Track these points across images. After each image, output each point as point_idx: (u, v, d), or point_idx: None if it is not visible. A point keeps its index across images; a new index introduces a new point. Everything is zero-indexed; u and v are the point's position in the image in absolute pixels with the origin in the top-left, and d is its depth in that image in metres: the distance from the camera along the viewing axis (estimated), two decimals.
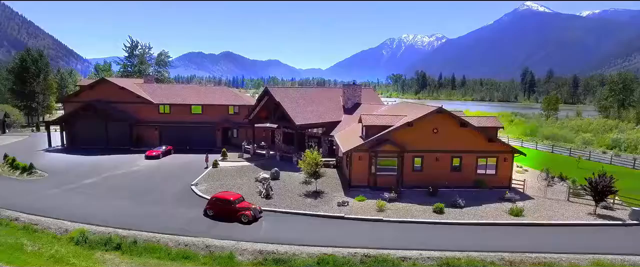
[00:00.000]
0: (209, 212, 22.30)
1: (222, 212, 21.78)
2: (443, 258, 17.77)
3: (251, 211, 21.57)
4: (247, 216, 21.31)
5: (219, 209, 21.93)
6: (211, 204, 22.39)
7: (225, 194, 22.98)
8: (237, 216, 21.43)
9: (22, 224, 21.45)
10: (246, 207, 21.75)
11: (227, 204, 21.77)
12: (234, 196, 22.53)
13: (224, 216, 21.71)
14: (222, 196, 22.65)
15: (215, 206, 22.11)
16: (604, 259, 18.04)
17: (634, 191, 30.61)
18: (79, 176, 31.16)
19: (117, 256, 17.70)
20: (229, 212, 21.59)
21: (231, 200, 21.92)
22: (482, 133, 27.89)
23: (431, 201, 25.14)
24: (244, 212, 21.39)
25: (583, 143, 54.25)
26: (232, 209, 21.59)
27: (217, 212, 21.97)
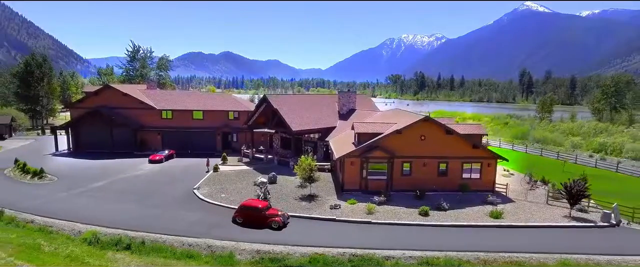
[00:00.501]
0: (238, 220, 23.11)
1: (252, 219, 22.65)
2: (423, 257, 19.52)
3: (280, 217, 22.73)
4: (277, 222, 22.41)
5: (249, 216, 22.81)
6: (240, 212, 23.21)
7: (253, 202, 23.68)
8: (267, 223, 22.42)
9: (37, 226, 23.19)
10: (275, 214, 22.83)
11: (257, 211, 22.70)
12: (262, 204, 23.37)
13: (253, 223, 22.58)
14: (251, 203, 23.37)
15: (244, 214, 22.96)
16: (571, 258, 19.78)
17: (613, 194, 32.40)
18: (87, 180, 32.92)
19: (127, 256, 19.44)
20: (259, 219, 22.54)
21: (260, 207, 22.82)
22: (467, 140, 29.63)
23: (418, 204, 26.88)
24: (273, 219, 22.46)
25: (572, 146, 55.97)
26: (262, 216, 22.59)
27: (246, 219, 22.82)
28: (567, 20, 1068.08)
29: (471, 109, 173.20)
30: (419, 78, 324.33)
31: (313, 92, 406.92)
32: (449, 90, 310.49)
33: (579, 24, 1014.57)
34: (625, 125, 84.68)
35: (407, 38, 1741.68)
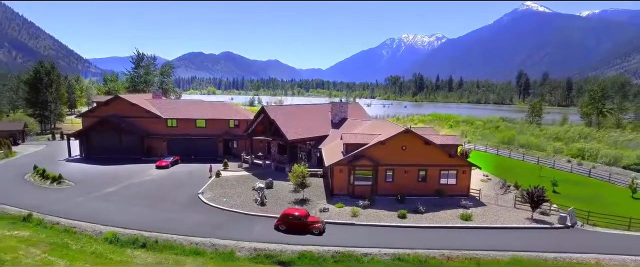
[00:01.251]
0: (281, 228, 25.41)
1: (294, 226, 25.06)
2: (396, 254, 22.83)
3: (321, 224, 25.35)
4: (317, 228, 25.02)
5: (291, 224, 25.15)
6: (282, 220, 25.48)
7: (294, 211, 25.85)
8: (309, 229, 24.94)
9: (63, 227, 26.52)
10: (315, 221, 25.36)
11: (299, 219, 25.12)
12: (302, 212, 25.60)
13: (296, 230, 24.98)
14: (292, 212, 25.56)
15: (287, 222, 25.29)
16: (523, 255, 23.08)
17: (579, 198, 35.79)
18: (101, 185, 36.28)
19: (143, 253, 22.78)
20: (301, 226, 24.99)
21: (302, 216, 25.27)
22: (444, 149, 32.93)
23: (399, 207, 30.17)
24: (315, 226, 25.04)
25: (554, 151, 59.18)
26: (303, 224, 25.03)
27: (289, 227, 25.18)
28: (567, 20, 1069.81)
29: (467, 112, 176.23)
30: (418, 79, 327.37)
31: (312, 92, 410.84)
32: (447, 92, 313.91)
33: (578, 24, 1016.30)
34: (613, 128, 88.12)
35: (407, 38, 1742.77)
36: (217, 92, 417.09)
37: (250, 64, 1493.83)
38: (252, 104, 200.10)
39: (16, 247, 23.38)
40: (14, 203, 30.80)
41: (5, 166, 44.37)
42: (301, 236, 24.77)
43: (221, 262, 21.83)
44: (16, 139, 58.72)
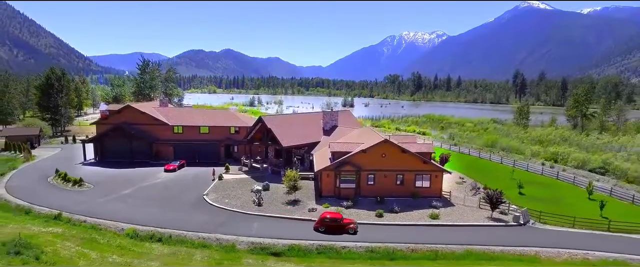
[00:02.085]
0: (320, 229, 29.15)
1: (333, 228, 28.99)
2: (369, 248, 27.43)
3: (354, 225, 29.46)
4: (353, 228, 29.20)
5: (330, 226, 29.05)
6: (320, 223, 29.31)
7: (332, 214, 29.91)
8: (345, 230, 29.01)
9: (89, 224, 31.20)
10: (350, 223, 29.49)
11: (336, 221, 29.13)
12: (338, 215, 29.83)
13: (334, 230, 28.88)
14: (330, 215, 29.60)
15: (325, 224, 29.14)
16: (474, 248, 27.67)
17: (541, 199, 40.38)
18: (117, 187, 40.94)
19: (160, 246, 27.44)
20: (339, 227, 29.00)
21: (338, 218, 29.30)
22: (419, 156, 37.49)
23: (378, 207, 34.74)
24: (350, 227, 29.18)
25: (531, 155, 63.66)
26: (341, 225, 29.12)
27: (327, 228, 29.02)
28: (568, 17, 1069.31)
29: (462, 112, 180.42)
30: (416, 79, 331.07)
31: (312, 91, 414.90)
32: (445, 91, 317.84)
33: (579, 22, 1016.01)
34: (596, 130, 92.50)
35: (407, 35, 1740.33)
36: (217, 91, 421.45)
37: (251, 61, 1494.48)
38: (252, 104, 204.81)
39: (53, 241, 28.04)
40: (43, 204, 35.47)
41: (28, 170, 49.04)
42: (339, 235, 28.86)
43: (224, 254, 26.47)
44: (33, 143, 63.36)
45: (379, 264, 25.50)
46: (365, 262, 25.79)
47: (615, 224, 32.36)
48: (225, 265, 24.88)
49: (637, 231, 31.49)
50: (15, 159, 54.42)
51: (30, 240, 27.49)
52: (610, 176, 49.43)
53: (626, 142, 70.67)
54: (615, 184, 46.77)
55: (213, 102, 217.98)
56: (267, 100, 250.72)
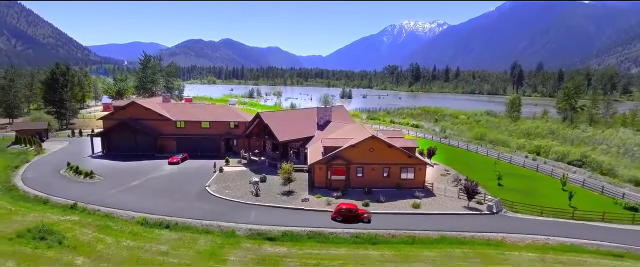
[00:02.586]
0: (337, 219, 32.18)
1: (349, 217, 32.14)
2: (354, 233, 30.78)
3: (368, 214, 32.74)
4: (367, 218, 32.42)
5: (346, 215, 32.18)
6: (337, 213, 32.38)
7: (347, 205, 32.98)
8: (360, 219, 32.20)
9: (103, 213, 34.49)
10: (364, 212, 32.77)
11: (352, 212, 32.37)
12: (353, 206, 32.99)
13: (350, 219, 32.03)
14: (347, 206, 32.77)
15: (342, 214, 32.22)
16: (448, 234, 31.01)
17: (518, 190, 43.64)
18: (126, 179, 44.17)
19: (167, 232, 30.77)
20: (354, 217, 32.26)
21: (353, 209, 32.58)
22: (404, 151, 40.62)
23: (365, 198, 38.03)
24: (365, 216, 32.39)
25: (517, 147, 66.80)
26: (356, 215, 32.33)
27: (344, 218, 32.13)
28: (569, 6, 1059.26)
29: (459, 103, 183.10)
30: (414, 69, 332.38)
31: (311, 82, 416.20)
32: (443, 82, 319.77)
33: (580, 11, 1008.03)
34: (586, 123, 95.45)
35: (408, 25, 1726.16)
36: (217, 82, 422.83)
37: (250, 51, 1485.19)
38: (252, 96, 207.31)
39: (72, 228, 31.37)
40: (59, 195, 38.73)
41: (40, 163, 52.22)
42: (355, 224, 32.11)
43: (225, 239, 29.82)
44: (42, 136, 66.41)
45: (362, 248, 28.84)
46: (350, 246, 29.13)
47: (578, 212, 35.74)
48: (226, 249, 28.21)
49: (597, 219, 34.85)
50: (27, 152, 57.52)
51: (52, 227, 30.81)
52: (586, 168, 52.63)
53: (609, 135, 73.72)
54: (590, 176, 50.05)
55: (212, 93, 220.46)
56: (266, 91, 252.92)
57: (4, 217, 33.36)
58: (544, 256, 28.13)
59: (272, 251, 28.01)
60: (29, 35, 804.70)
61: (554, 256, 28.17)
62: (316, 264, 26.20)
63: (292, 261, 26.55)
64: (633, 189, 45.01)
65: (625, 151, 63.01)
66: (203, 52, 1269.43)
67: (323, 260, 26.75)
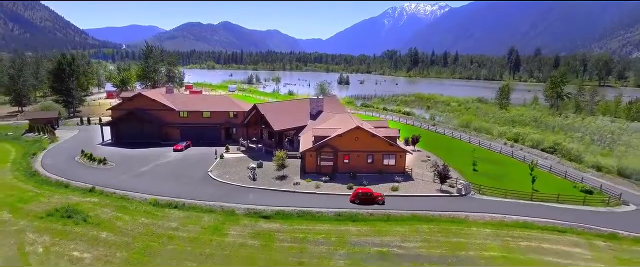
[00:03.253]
0: (355, 201, 36.55)
1: (366, 200, 36.56)
2: (338, 212, 35.57)
3: (382, 197, 37.22)
4: (381, 200, 36.99)
5: (363, 198, 36.58)
6: (356, 196, 36.74)
7: (364, 189, 37.40)
8: (376, 201, 36.69)
9: (119, 195, 39.28)
10: (379, 195, 37.06)
11: (368, 195, 36.74)
12: (369, 190, 37.33)
13: (366, 202, 36.44)
14: (363, 190, 37.23)
15: (359, 197, 36.68)
16: (418, 213, 35.82)
17: (490, 174, 48.30)
18: (136, 165, 48.84)
19: (176, 211, 35.59)
20: (371, 199, 36.73)
21: (370, 192, 37.00)
22: (386, 140, 45.10)
23: (350, 182, 42.75)
24: (380, 198, 36.90)
25: (498, 135, 71.24)
26: (372, 197, 36.81)
27: (361, 200, 36.56)
28: None
29: (453, 89, 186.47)
30: (413, 54, 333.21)
31: (310, 67, 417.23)
32: (441, 67, 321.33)
33: None
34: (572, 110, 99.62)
35: (409, 7, 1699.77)
36: (216, 67, 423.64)
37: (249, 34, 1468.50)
38: (251, 82, 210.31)
39: (93, 208, 36.20)
40: (78, 179, 43.45)
41: (56, 150, 56.78)
42: (370, 205, 36.73)
43: (226, 217, 34.67)
44: (53, 125, 70.79)
45: (343, 225, 33.70)
46: (333, 223, 34.00)
47: (538, 195, 40.54)
48: (227, 225, 33.08)
49: (553, 200, 39.66)
50: (41, 140, 62.04)
51: (76, 207, 35.67)
52: (557, 155, 57.25)
53: (588, 123, 78.07)
54: (559, 162, 54.73)
55: (212, 79, 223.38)
56: (265, 77, 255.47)
57: (32, 199, 38.22)
58: (499, 231, 33.01)
59: (266, 227, 32.89)
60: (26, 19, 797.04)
61: (506, 231, 33.05)
62: (303, 238, 31.10)
63: (282, 235, 31.45)
64: (595, 174, 49.80)
65: (599, 138, 67.61)
66: (202, 36, 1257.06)
67: (309, 234, 31.65)
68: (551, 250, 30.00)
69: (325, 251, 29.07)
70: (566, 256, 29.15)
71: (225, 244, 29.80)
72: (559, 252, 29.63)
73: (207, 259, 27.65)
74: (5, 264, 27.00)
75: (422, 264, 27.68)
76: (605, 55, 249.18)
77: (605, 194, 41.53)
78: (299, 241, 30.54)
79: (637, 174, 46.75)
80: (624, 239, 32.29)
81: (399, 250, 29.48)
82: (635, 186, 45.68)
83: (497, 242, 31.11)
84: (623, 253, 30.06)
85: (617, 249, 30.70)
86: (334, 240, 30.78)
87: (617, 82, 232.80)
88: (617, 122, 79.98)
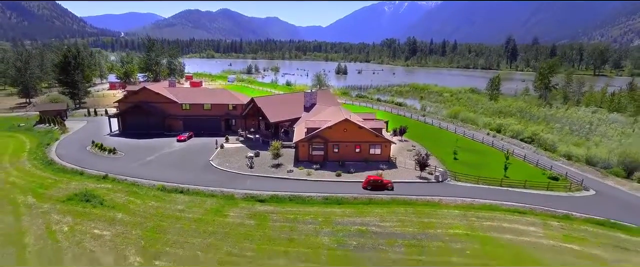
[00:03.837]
0: (367, 188, 40.71)
1: (377, 186, 40.79)
2: (325, 196, 39.98)
3: (391, 184, 41.45)
4: (391, 186, 41.12)
5: (374, 185, 40.79)
6: (368, 183, 40.88)
7: (374, 177, 41.62)
8: (386, 187, 40.91)
9: (129, 182, 43.63)
10: (389, 182, 41.27)
11: (379, 182, 40.94)
12: (380, 177, 41.88)
13: (377, 188, 40.72)
14: (374, 178, 41.28)
15: (371, 184, 40.83)
16: (397, 197, 40.22)
17: (469, 163, 52.53)
18: (143, 154, 53.11)
19: (181, 196, 40.00)
20: (381, 186, 40.93)
21: (379, 180, 41.28)
22: (372, 131, 49.23)
23: (338, 169, 47.07)
24: (389, 185, 41.07)
25: (483, 125, 75.27)
26: (382, 184, 41.00)
27: (373, 187, 40.77)
28: None
29: (449, 79, 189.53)
30: (411, 43, 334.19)
31: (309, 56, 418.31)
32: (440, 56, 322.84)
33: None
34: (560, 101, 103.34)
35: None
36: (215, 56, 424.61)
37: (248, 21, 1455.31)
38: (250, 72, 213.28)
39: (107, 193, 40.61)
40: (91, 167, 47.77)
41: (68, 141, 60.99)
42: (381, 191, 41.14)
43: (226, 201, 39.09)
44: (62, 116, 74.85)
45: (330, 207, 38.14)
46: (320, 206, 38.43)
47: (507, 181, 44.90)
48: (227, 208, 37.53)
49: (520, 186, 44.02)
50: (53, 131, 66.18)
51: (92, 192, 40.07)
52: (534, 145, 61.44)
53: (570, 114, 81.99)
54: (534, 151, 58.97)
55: (211, 69, 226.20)
56: (264, 66, 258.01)
57: (52, 185, 42.65)
58: (466, 212, 37.46)
59: (261, 209, 37.34)
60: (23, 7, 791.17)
61: (473, 213, 37.50)
62: (294, 218, 35.58)
63: (276, 216, 35.93)
64: (565, 163, 54.10)
65: (578, 128, 71.71)
66: (200, 23, 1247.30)
67: (299, 215, 36.11)
68: (509, 228, 34.47)
69: (312, 230, 33.55)
70: (521, 234, 33.63)
71: (226, 224, 34.29)
72: (515, 231, 34.10)
73: (210, 236, 32.15)
74: (36, 241, 31.49)
75: (395, 240, 32.17)
76: (601, 45, 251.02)
77: (568, 181, 45.87)
78: (290, 221, 35.01)
79: (602, 163, 51.00)
80: (575, 220, 36.75)
81: (376, 228, 33.95)
82: (599, 173, 50.02)
83: (463, 222, 35.57)
84: (572, 231, 34.53)
85: (567, 228, 35.17)
86: (320, 220, 35.25)
87: (612, 71, 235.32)
88: (599, 112, 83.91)
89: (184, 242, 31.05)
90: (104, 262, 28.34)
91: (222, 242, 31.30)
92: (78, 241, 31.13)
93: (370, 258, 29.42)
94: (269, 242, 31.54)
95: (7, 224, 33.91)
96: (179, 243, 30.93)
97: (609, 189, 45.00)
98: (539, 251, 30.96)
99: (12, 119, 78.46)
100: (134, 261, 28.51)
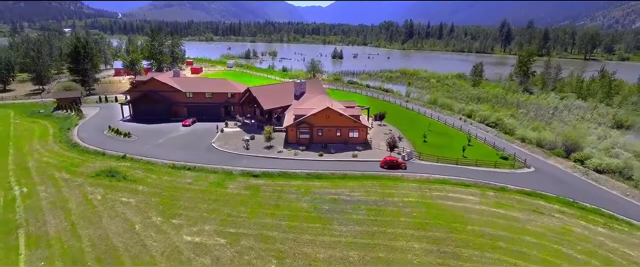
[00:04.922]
0: (384, 167, 48.81)
1: (392, 166, 48.68)
2: (309, 172, 48.43)
3: (405, 163, 50.03)
4: (404, 166, 49.04)
5: (390, 165, 48.65)
6: (385, 163, 48.90)
7: (390, 158, 49.33)
8: (400, 167, 48.78)
9: (145, 161, 52.07)
10: (402, 163, 49.39)
11: (394, 162, 48.96)
12: (395, 158, 49.59)
13: (393, 167, 48.56)
14: (390, 158, 49.23)
15: (387, 164, 48.85)
16: (367, 173, 48.63)
17: (437, 145, 60.79)
18: (153, 138, 61.37)
19: (189, 172, 48.50)
20: (396, 166, 48.82)
21: (396, 161, 49.37)
22: (351, 118, 57.28)
23: (321, 150, 55.41)
24: (402, 164, 49.11)
25: (458, 111, 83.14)
26: (397, 164, 49.00)
27: (389, 166, 48.65)
28: None
29: (441, 64, 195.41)
30: (408, 26, 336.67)
31: (308, 39, 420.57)
32: (436, 39, 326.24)
33: None
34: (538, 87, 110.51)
35: None
36: (214, 39, 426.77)
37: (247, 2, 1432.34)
38: (248, 56, 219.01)
39: (128, 170, 49.09)
40: (111, 149, 56.13)
41: (86, 126, 69.09)
42: (396, 170, 49.30)
43: (226, 176, 47.62)
44: (77, 103, 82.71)
45: (311, 181, 46.67)
46: (303, 180, 46.95)
47: (463, 160, 53.29)
48: (227, 181, 46.07)
49: (473, 164, 52.44)
50: (71, 117, 74.18)
51: (115, 169, 48.56)
52: (497, 129, 69.55)
53: (540, 100, 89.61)
54: (496, 135, 67.13)
55: (211, 54, 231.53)
56: (262, 50, 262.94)
57: (80, 163, 51.14)
58: (421, 185, 46.00)
59: (255, 182, 45.91)
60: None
61: (427, 185, 46.05)
62: (280, 189, 44.18)
63: (266, 187, 44.53)
64: (519, 145, 62.38)
65: (542, 113, 79.61)
66: (199, 4, 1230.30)
67: (285, 187, 44.70)
68: (452, 197, 43.08)
69: (295, 198, 42.18)
70: (460, 201, 42.25)
71: (226, 194, 42.92)
72: (457, 199, 42.70)
73: (213, 202, 40.81)
74: (77, 206, 40.09)
75: (359, 205, 40.82)
76: (592, 30, 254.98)
77: (514, 159, 54.27)
78: (278, 192, 43.62)
79: (549, 144, 59.25)
80: (509, 191, 45.34)
81: (346, 197, 42.57)
82: (544, 154, 58.39)
83: (417, 192, 44.15)
84: (502, 200, 43.13)
85: (500, 197, 43.77)
86: (302, 191, 43.86)
87: (603, 56, 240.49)
88: (567, 99, 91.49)
89: (193, 207, 39.72)
90: (133, 220, 37.07)
91: (223, 207, 39.98)
92: (110, 206, 39.80)
93: (337, 218, 38.12)
94: (260, 206, 40.21)
95: (52, 194, 42.52)
96: (189, 207, 39.62)
97: (547, 167, 53.49)
98: (471, 213, 39.62)
99: (31, 105, 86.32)
100: (156, 220, 37.24)
